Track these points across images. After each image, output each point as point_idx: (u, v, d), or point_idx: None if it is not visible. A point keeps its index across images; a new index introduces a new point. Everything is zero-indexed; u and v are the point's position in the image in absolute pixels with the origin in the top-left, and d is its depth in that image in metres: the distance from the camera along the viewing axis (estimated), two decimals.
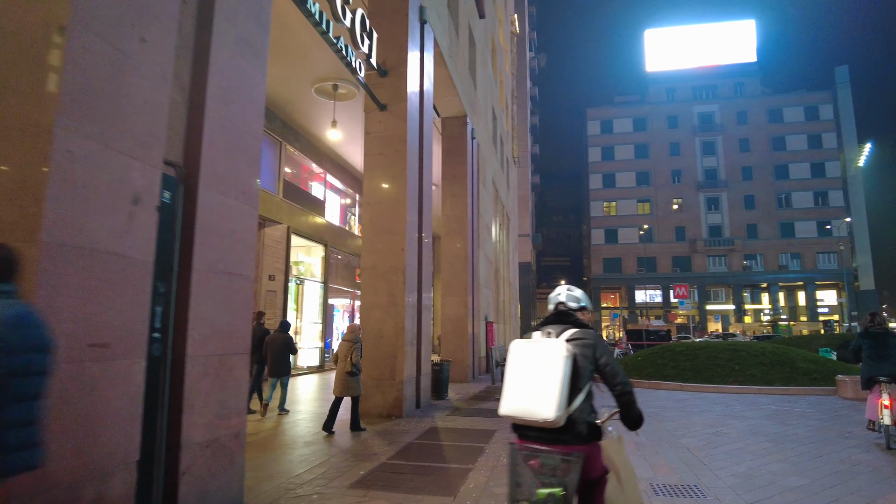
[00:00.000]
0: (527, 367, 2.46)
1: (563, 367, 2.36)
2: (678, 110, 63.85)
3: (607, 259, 63.18)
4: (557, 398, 2.31)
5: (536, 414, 2.34)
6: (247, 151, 4.56)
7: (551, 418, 2.30)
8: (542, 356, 2.43)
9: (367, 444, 6.79)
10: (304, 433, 7.49)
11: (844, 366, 13.42)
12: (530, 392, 2.39)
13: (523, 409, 2.39)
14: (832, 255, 57.42)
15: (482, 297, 18.33)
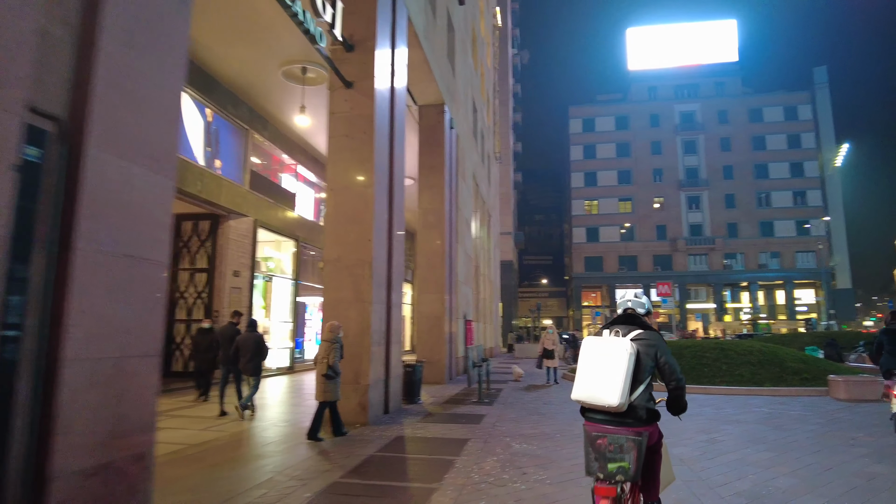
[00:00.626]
0: (597, 359, 2.89)
1: (628, 361, 2.78)
2: (660, 109, 63.81)
3: (589, 258, 62.92)
4: (621, 387, 2.74)
5: (602, 400, 2.78)
6: (160, 109, 3.73)
7: (615, 404, 2.74)
8: (610, 351, 2.85)
9: (323, 457, 6.00)
10: (260, 442, 6.68)
11: (834, 365, 12.96)
12: (598, 381, 2.82)
13: (592, 395, 2.84)
14: (810, 255, 57.86)
15: (461, 294, 17.59)
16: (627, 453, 2.78)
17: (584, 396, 2.89)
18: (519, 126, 62.47)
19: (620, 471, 2.78)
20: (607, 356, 2.85)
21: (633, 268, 60.72)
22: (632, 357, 2.81)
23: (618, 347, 2.84)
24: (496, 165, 34.75)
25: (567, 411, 9.44)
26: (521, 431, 7.47)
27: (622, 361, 2.79)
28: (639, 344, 2.88)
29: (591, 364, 2.91)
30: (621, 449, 2.80)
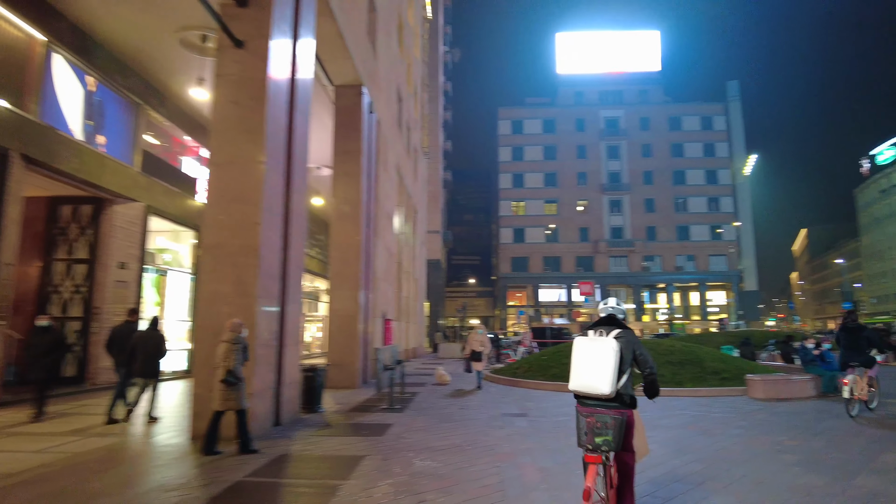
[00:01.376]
0: (588, 356, 3.51)
1: (615, 357, 3.40)
2: (586, 114, 65.36)
3: (515, 258, 63.46)
4: (611, 379, 3.38)
5: (597, 389, 3.41)
6: None
7: (607, 393, 3.39)
8: (598, 349, 3.45)
9: (180, 482, 4.80)
10: (128, 456, 5.35)
11: (750, 364, 12.97)
12: (591, 374, 3.44)
13: (587, 385, 3.47)
14: (722, 258, 61.15)
15: (380, 292, 16.52)
16: (611, 429, 3.40)
17: (580, 387, 3.50)
18: (449, 124, 62.00)
19: (605, 443, 3.40)
20: (596, 353, 3.44)
21: (556, 268, 61.81)
22: (617, 353, 3.40)
23: (605, 345, 3.42)
24: (424, 161, 33.88)
25: (483, 417, 8.63)
26: (429, 443, 6.55)
27: (610, 357, 3.38)
28: (620, 341, 3.48)
29: (584, 360, 3.51)
30: (606, 426, 3.41)
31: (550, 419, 8.46)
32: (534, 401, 10.71)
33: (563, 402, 10.45)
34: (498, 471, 5.36)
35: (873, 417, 8.41)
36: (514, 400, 10.83)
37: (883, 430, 7.39)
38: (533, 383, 12.88)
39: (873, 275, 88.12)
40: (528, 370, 13.93)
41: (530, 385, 12.90)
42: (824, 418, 8.20)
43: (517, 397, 11.27)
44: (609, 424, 3.41)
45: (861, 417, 8.26)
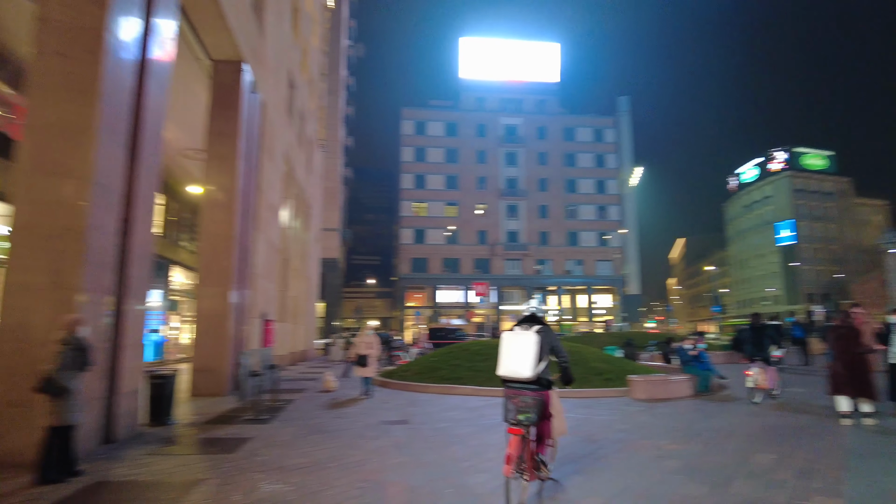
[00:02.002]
0: (513, 347, 4.27)
1: (534, 347, 4.17)
2: (487, 119, 66.52)
3: (415, 259, 63.08)
4: (531, 364, 4.14)
5: (519, 374, 4.19)
6: None
7: (528, 376, 4.16)
8: (522, 341, 4.23)
9: None
10: None
11: (632, 364, 13.26)
12: (516, 361, 4.21)
13: (512, 371, 4.25)
14: (608, 263, 64.76)
15: (260, 290, 15.22)
16: (532, 407, 4.19)
17: (507, 373, 4.29)
18: (351, 120, 60.49)
19: (527, 419, 4.17)
20: (520, 344, 4.22)
21: (455, 270, 62.22)
22: (536, 344, 4.18)
23: (527, 338, 4.21)
24: (320, 154, 32.40)
25: (359, 426, 7.89)
26: (287, 461, 5.70)
27: (530, 348, 4.16)
28: (540, 335, 4.23)
29: (509, 350, 4.28)
30: (528, 405, 4.20)
31: (431, 426, 7.88)
32: (419, 405, 10.13)
33: (449, 406, 9.95)
34: (359, 493, 4.65)
35: (775, 403, 9.74)
36: (397, 405, 10.17)
37: (767, 420, 7.67)
38: (421, 386, 12.31)
39: (738, 281, 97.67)
40: (416, 372, 13.35)
41: (418, 388, 12.32)
42: (701, 418, 8.32)
43: (402, 402, 10.63)
44: (530, 404, 4.21)
45: (764, 404, 9.60)
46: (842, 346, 7.71)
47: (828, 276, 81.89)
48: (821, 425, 7.51)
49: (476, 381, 11.81)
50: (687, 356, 11.73)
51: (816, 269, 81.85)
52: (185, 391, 11.65)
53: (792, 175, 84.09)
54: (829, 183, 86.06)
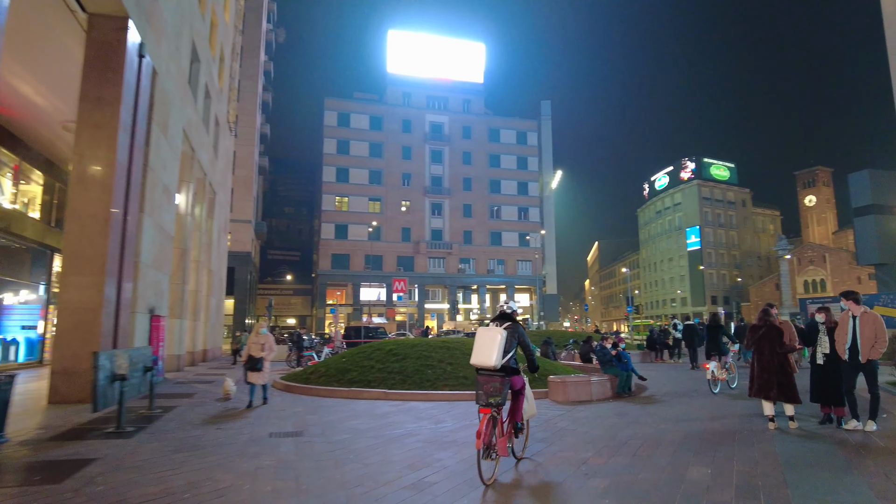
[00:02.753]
0: (483, 339, 5.09)
1: (501, 340, 5.00)
2: (413, 116, 65.58)
3: (336, 255, 61.11)
4: (497, 355, 4.94)
5: (487, 363, 4.97)
6: None
7: (493, 365, 4.94)
8: (491, 335, 5.05)
9: None
10: None
11: (551, 364, 12.77)
12: (485, 352, 5.02)
13: (482, 361, 5.02)
14: (528, 263, 65.75)
15: (147, 281, 13.46)
16: (499, 391, 4.95)
17: (477, 362, 5.09)
18: (269, 107, 57.60)
19: (495, 401, 4.89)
20: (490, 338, 5.06)
21: (378, 267, 60.84)
22: (503, 338, 5.04)
23: (495, 333, 5.07)
24: (230, 138, 30.13)
25: (242, 440, 6.70)
26: (131, 491, 4.47)
27: (497, 340, 5.01)
28: (507, 331, 5.14)
29: (481, 342, 5.12)
30: (496, 389, 4.95)
31: (328, 439, 6.83)
32: (321, 412, 9.02)
33: (354, 412, 8.91)
34: None
35: (732, 393, 11.05)
36: (296, 413, 9.00)
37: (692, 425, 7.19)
38: (326, 390, 11.17)
39: (648, 283, 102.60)
40: (323, 375, 12.18)
41: (323, 392, 11.17)
42: (624, 424, 7.78)
43: (302, 409, 9.46)
44: (497, 388, 4.92)
45: (722, 394, 10.83)
46: (763, 346, 7.40)
47: (729, 279, 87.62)
48: (748, 429, 7.15)
49: (387, 384, 10.84)
50: (608, 355, 11.34)
51: (719, 272, 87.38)
52: (41, 398, 9.89)
53: (700, 184, 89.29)
54: (731, 193, 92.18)
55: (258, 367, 9.76)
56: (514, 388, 5.30)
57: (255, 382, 9.82)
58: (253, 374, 9.82)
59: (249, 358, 9.88)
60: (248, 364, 9.89)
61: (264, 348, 9.88)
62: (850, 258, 71.16)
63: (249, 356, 9.90)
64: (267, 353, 9.89)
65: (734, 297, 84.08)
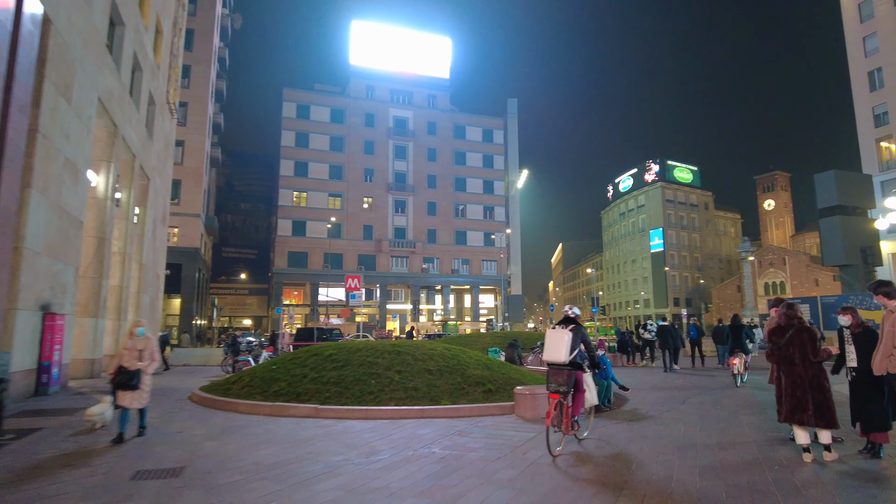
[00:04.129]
0: (554, 339, 6.30)
1: (569, 340, 6.18)
2: (376, 109, 63.39)
3: (293, 253, 58.36)
4: (566, 352, 6.12)
5: (559, 359, 6.17)
6: None
7: (564, 361, 6.14)
8: (560, 335, 6.26)
9: None
10: None
11: (518, 371, 11.00)
12: (556, 350, 6.22)
13: (554, 357, 6.24)
14: (494, 263, 64.33)
15: (34, 270, 11.18)
16: (566, 382, 6.10)
17: (549, 358, 6.34)
18: (224, 96, 54.56)
19: (563, 389, 6.09)
20: (559, 338, 6.29)
21: (338, 266, 58.32)
22: (570, 338, 6.22)
23: (563, 334, 6.28)
24: (171, 121, 27.51)
25: (91, 483, 4.69)
26: None
27: (565, 340, 6.21)
28: (573, 332, 6.30)
29: (552, 342, 6.36)
30: (564, 379, 6.12)
31: (210, 483, 4.88)
32: (224, 437, 7.01)
33: (269, 438, 6.93)
34: None
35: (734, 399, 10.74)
36: (192, 438, 6.97)
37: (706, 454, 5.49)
38: (246, 405, 9.15)
39: (612, 284, 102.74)
40: (247, 385, 10.14)
41: (242, 407, 9.15)
42: (618, 460, 6.03)
43: (204, 431, 7.43)
44: (565, 379, 6.15)
45: (723, 402, 10.35)
46: (792, 354, 5.69)
47: (691, 281, 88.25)
48: (779, 464, 5.49)
49: (320, 398, 8.89)
50: None
51: (682, 274, 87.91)
52: None
53: (663, 186, 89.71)
54: (694, 195, 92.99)
55: (132, 383, 6.91)
56: (578, 381, 6.39)
57: (126, 406, 6.93)
58: (124, 394, 6.93)
59: (119, 370, 6.96)
60: (116, 379, 6.94)
61: (142, 357, 7.10)
62: (809, 261, 72.43)
63: (119, 368, 6.98)
64: (146, 364, 7.13)
65: (696, 299, 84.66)
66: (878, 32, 42.80)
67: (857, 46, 44.10)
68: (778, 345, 5.83)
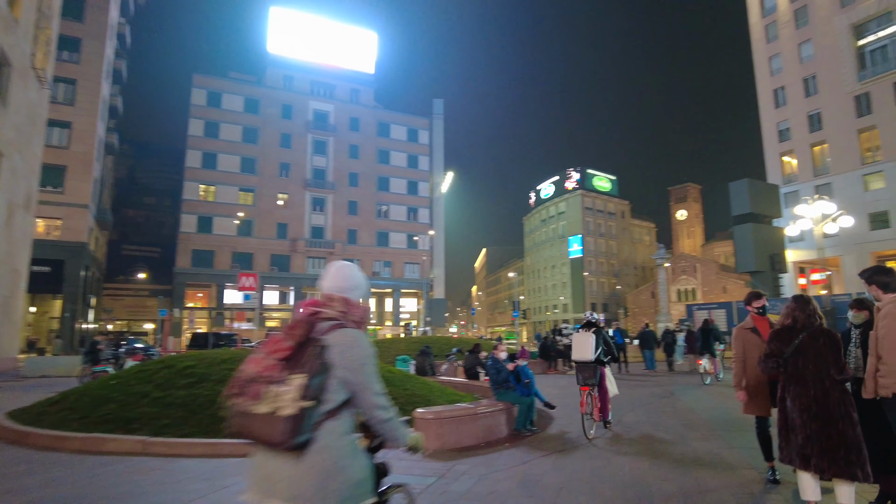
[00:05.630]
0: (581, 340, 7.64)
1: (593, 341, 7.49)
2: (295, 101, 59.99)
3: (198, 251, 53.82)
4: (592, 351, 7.46)
5: (586, 357, 7.52)
6: None
7: (591, 359, 7.48)
8: (585, 337, 7.58)
9: None
10: None
11: (426, 386, 9.14)
12: (583, 349, 7.57)
13: (582, 355, 7.58)
14: (416, 266, 62.53)
15: None
16: (593, 375, 7.38)
17: (577, 357, 7.62)
18: (123, 77, 49.39)
19: (591, 382, 7.35)
20: (584, 339, 7.52)
21: (248, 266, 54.25)
22: (594, 339, 7.42)
23: (588, 336, 7.50)
24: (39, 90, 23.53)
25: None
26: None
27: (590, 341, 7.44)
28: (595, 335, 7.48)
29: (579, 343, 7.63)
30: (591, 374, 7.43)
31: None
32: None
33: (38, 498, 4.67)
34: None
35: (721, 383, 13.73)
36: None
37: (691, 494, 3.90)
38: (50, 436, 6.71)
39: (532, 289, 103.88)
40: (68, 407, 7.67)
41: (44, 440, 6.71)
42: None
43: None
44: (591, 373, 7.41)
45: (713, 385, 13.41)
46: (804, 368, 4.03)
47: (608, 287, 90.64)
48: None
49: (156, 426, 6.64)
50: (503, 373, 7.87)
51: (599, 280, 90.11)
52: None
53: (583, 194, 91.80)
54: (612, 204, 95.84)
55: None
56: (602, 375, 7.64)
57: None
58: None
59: None
60: None
61: None
62: (718, 269, 76.12)
63: None
64: None
65: (613, 304, 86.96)
66: (781, 53, 45.07)
67: (764, 65, 46.30)
68: (783, 355, 4.12)
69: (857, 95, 38.94)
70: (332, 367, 1.83)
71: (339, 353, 1.86)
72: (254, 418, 1.77)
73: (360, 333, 1.97)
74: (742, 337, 5.11)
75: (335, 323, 1.94)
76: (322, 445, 1.78)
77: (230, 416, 1.87)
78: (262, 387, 1.77)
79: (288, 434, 1.71)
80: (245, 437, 1.84)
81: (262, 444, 1.82)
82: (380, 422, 1.95)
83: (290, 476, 1.76)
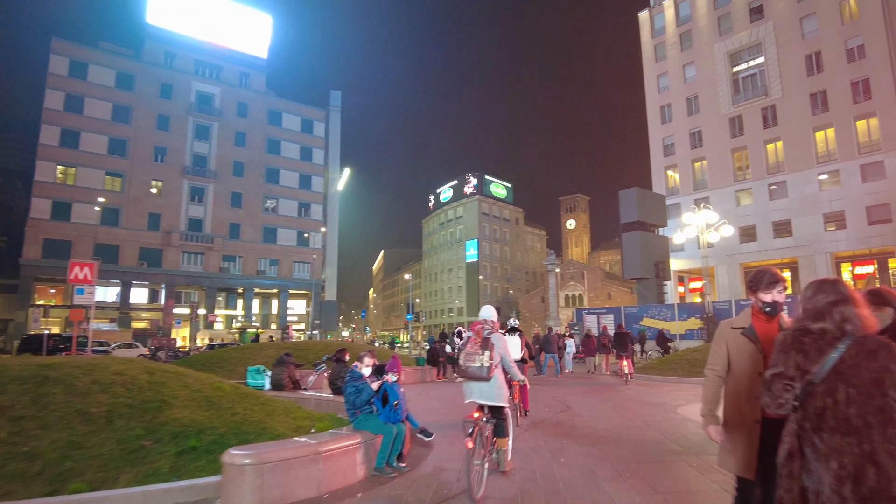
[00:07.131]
0: (512, 342, 9.24)
1: (519, 344, 9.68)
2: (176, 80, 54.53)
3: (52, 241, 46.93)
4: (518, 352, 9.59)
5: (516, 356, 9.38)
6: None
7: (518, 358, 9.55)
8: (515, 339, 9.57)
9: None
10: None
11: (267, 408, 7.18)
12: (513, 349, 9.21)
13: (514, 356, 8.62)
14: (306, 265, 59.17)
15: None
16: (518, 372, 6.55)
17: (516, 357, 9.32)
18: None
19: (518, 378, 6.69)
20: (513, 342, 9.31)
21: (112, 259, 48.26)
22: (519, 342, 9.61)
23: (515, 339, 9.48)
24: None
25: None
26: None
27: (518, 345, 9.52)
28: (519, 337, 9.73)
29: (511, 344, 8.67)
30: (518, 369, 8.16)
31: None
32: None
33: None
34: None
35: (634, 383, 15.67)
36: None
37: None
38: None
39: (429, 293, 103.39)
40: None
41: None
42: None
43: None
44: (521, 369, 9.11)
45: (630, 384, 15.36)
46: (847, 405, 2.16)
47: (501, 291, 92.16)
48: None
49: None
50: (363, 394, 6.07)
51: (493, 284, 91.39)
52: None
53: (480, 199, 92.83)
54: (507, 210, 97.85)
55: None
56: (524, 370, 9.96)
57: None
58: None
59: None
60: None
61: None
62: (604, 276, 79.78)
63: None
64: None
65: (506, 308, 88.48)
66: (668, 73, 47.67)
67: (653, 83, 48.74)
68: (811, 381, 2.27)
69: (731, 117, 42.02)
70: (493, 348, 5.27)
71: (495, 342, 5.35)
72: (472, 368, 5.25)
73: (501, 335, 5.56)
74: (728, 338, 3.12)
75: (490, 330, 5.45)
76: (495, 377, 5.29)
77: (461, 369, 5.38)
78: (475, 355, 5.24)
79: (486, 373, 5.19)
80: (467, 377, 5.34)
81: (474, 379, 5.30)
82: (511, 371, 5.79)
83: (485, 389, 5.31)
